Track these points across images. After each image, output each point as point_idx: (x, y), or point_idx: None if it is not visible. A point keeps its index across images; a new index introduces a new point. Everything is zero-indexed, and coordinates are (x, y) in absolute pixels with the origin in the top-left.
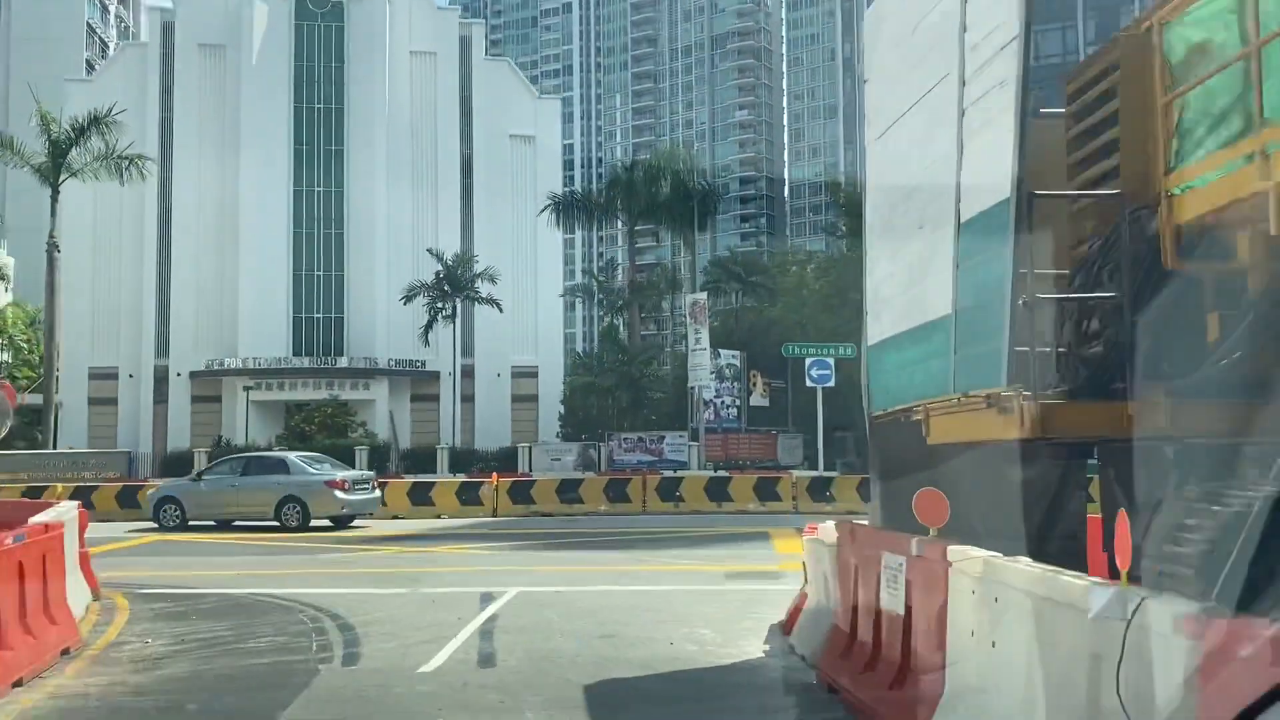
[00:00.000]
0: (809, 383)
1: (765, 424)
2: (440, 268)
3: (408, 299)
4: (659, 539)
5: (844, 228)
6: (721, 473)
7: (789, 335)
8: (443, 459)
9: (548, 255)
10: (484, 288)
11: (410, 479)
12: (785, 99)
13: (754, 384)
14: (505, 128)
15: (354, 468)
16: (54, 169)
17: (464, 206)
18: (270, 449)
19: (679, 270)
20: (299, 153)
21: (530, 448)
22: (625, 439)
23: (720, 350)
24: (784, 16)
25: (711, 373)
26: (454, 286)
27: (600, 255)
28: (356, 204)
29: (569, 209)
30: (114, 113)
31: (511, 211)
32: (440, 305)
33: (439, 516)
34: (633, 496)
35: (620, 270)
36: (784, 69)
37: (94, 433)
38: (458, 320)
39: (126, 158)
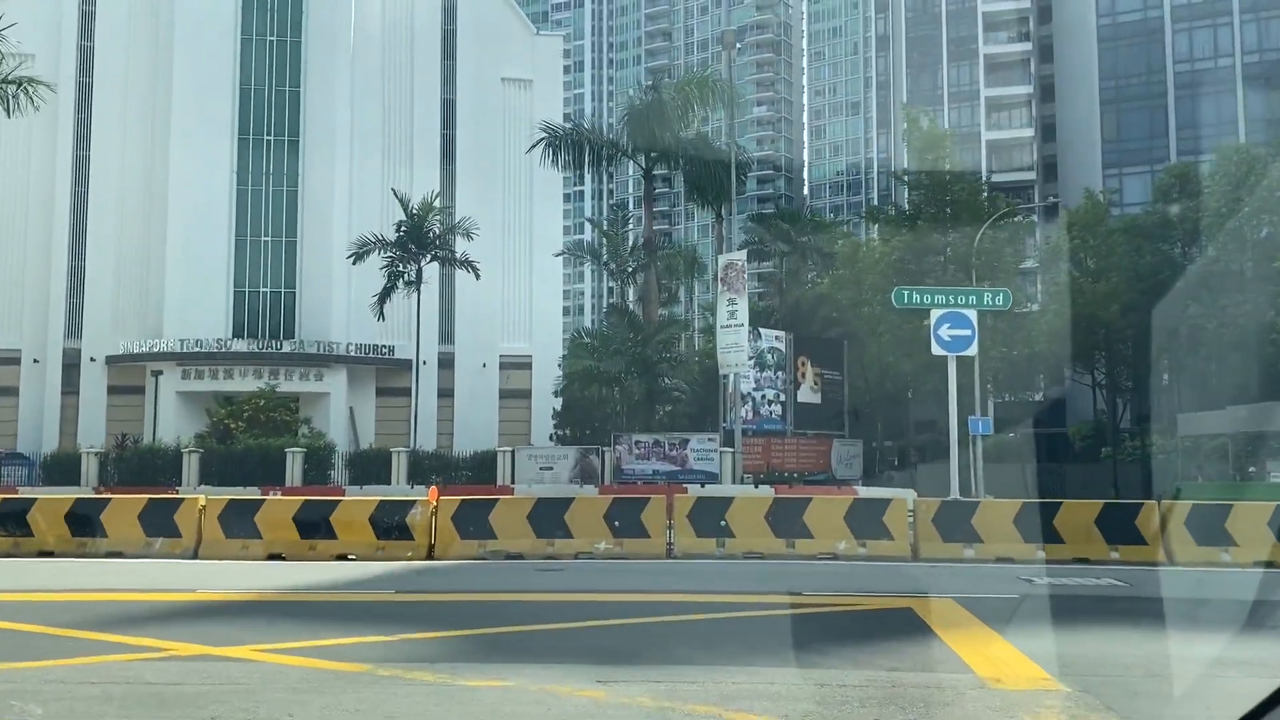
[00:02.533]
0: (936, 348)
1: (813, 426)
2: (404, 218)
3: (358, 257)
4: (713, 633)
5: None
6: (791, 492)
7: (844, 313)
8: (399, 466)
9: (545, 223)
10: (463, 247)
11: (299, 497)
12: (806, 95)
13: (802, 374)
14: (496, 69)
15: (286, 475)
16: None
17: (445, 162)
18: (180, 449)
19: (699, 246)
20: (245, 94)
21: (512, 453)
22: (639, 442)
23: (760, 330)
24: (805, 9)
25: (750, 358)
26: (419, 243)
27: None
28: (313, 157)
29: (569, 148)
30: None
31: (502, 169)
32: (402, 268)
33: (345, 557)
34: (651, 527)
35: (631, 224)
36: (804, 64)
37: None
38: (435, 298)
39: (13, 81)
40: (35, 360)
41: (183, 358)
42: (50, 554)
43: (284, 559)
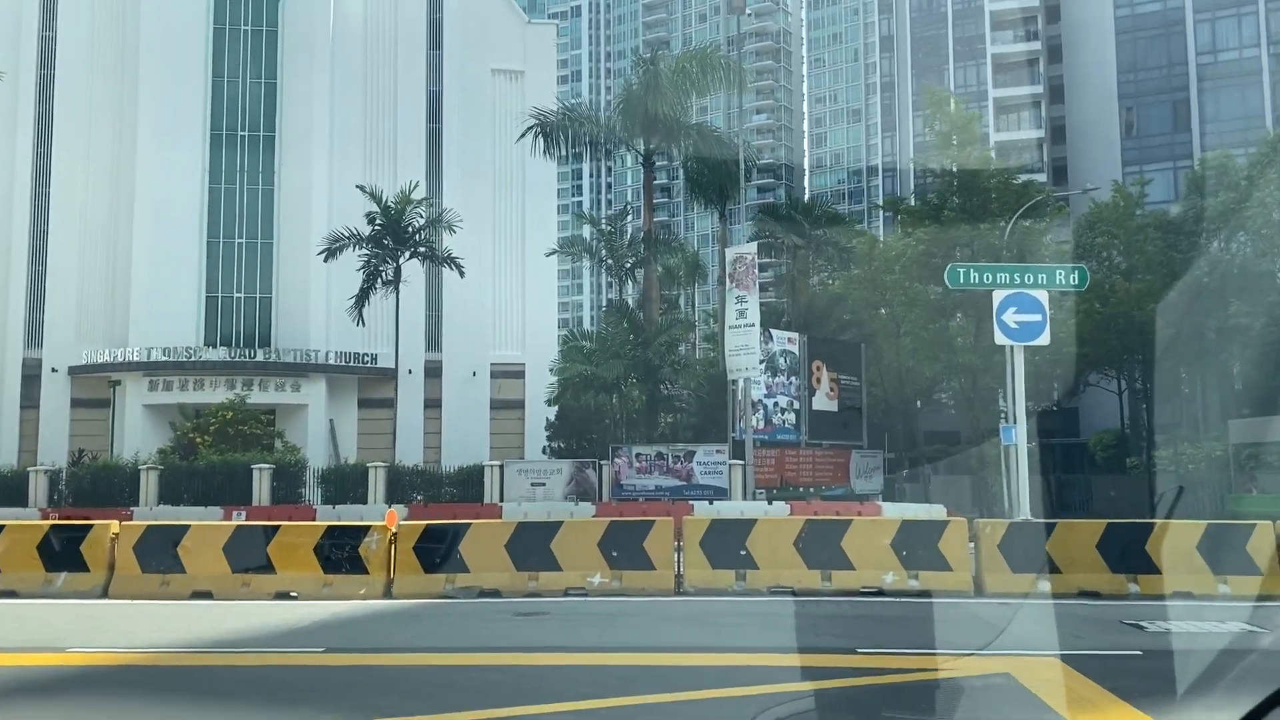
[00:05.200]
0: (1000, 338)
1: (829, 436)
2: (378, 212)
3: (329, 253)
4: None
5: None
6: (808, 509)
7: (860, 314)
8: (376, 483)
9: (539, 222)
10: (451, 245)
11: (233, 523)
12: (806, 102)
13: (817, 379)
14: (486, 60)
15: (254, 493)
16: None
17: (431, 159)
18: (138, 465)
19: (700, 255)
20: (218, 87)
21: (501, 467)
22: (640, 455)
23: (771, 332)
24: (805, 16)
25: (761, 361)
26: (397, 239)
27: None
28: (290, 154)
29: (563, 136)
30: None
31: (493, 166)
32: (380, 267)
33: (288, 595)
34: (655, 557)
35: (630, 219)
36: (804, 71)
37: None
38: (421, 303)
39: None
40: None
41: (150, 367)
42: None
43: (212, 597)
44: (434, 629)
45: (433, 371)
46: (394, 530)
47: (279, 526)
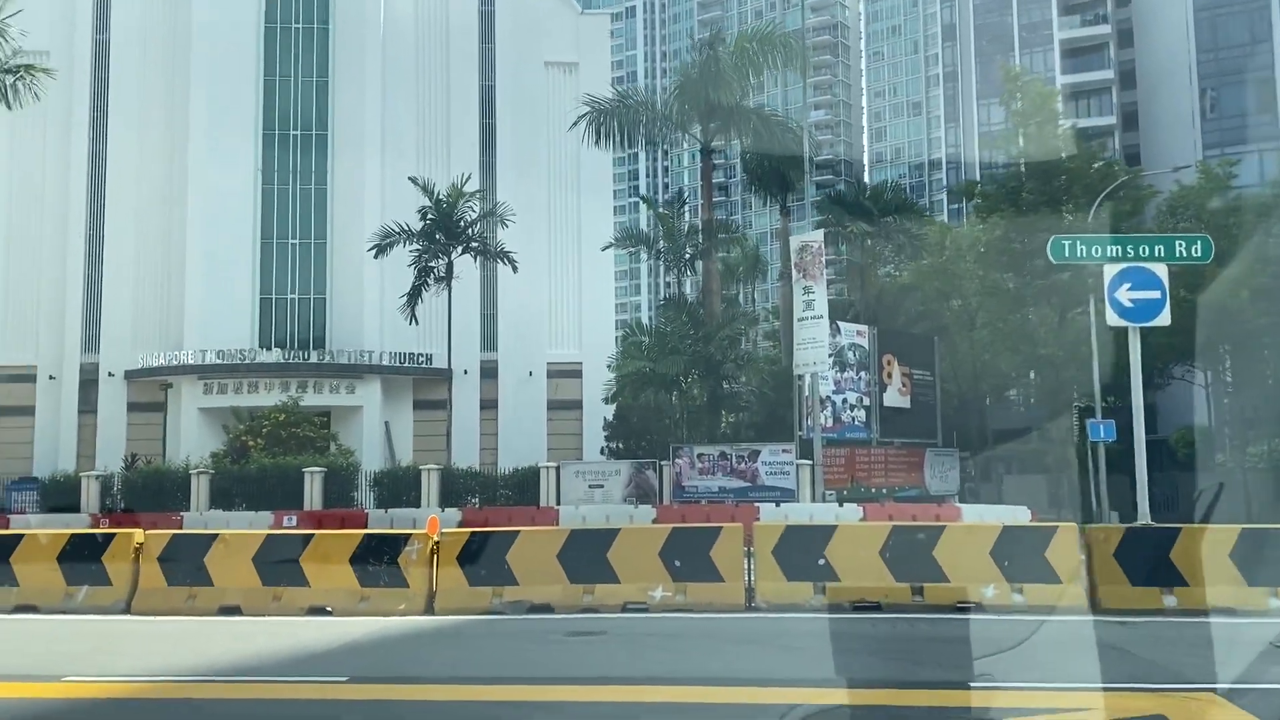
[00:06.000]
0: (1113, 318)
1: (901, 434)
2: (429, 204)
3: (380, 249)
4: None
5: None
6: (882, 511)
7: (930, 305)
8: (429, 486)
9: (594, 217)
10: (504, 241)
11: (261, 532)
12: (865, 96)
13: (888, 374)
14: (539, 53)
15: (305, 498)
16: None
17: (484, 155)
18: (189, 470)
19: (762, 244)
20: (269, 86)
21: (557, 469)
22: (702, 455)
23: (839, 325)
24: (862, 9)
25: (830, 355)
26: (448, 234)
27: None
28: (343, 152)
29: (617, 124)
30: (6, 15)
31: (547, 160)
32: (431, 263)
33: (323, 610)
34: (723, 567)
35: (686, 205)
36: (863, 65)
37: (3, 451)
38: (476, 302)
39: (10, 70)
40: (51, 377)
41: (204, 370)
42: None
43: (241, 612)
44: (476, 652)
45: (488, 372)
46: (436, 539)
47: (312, 535)
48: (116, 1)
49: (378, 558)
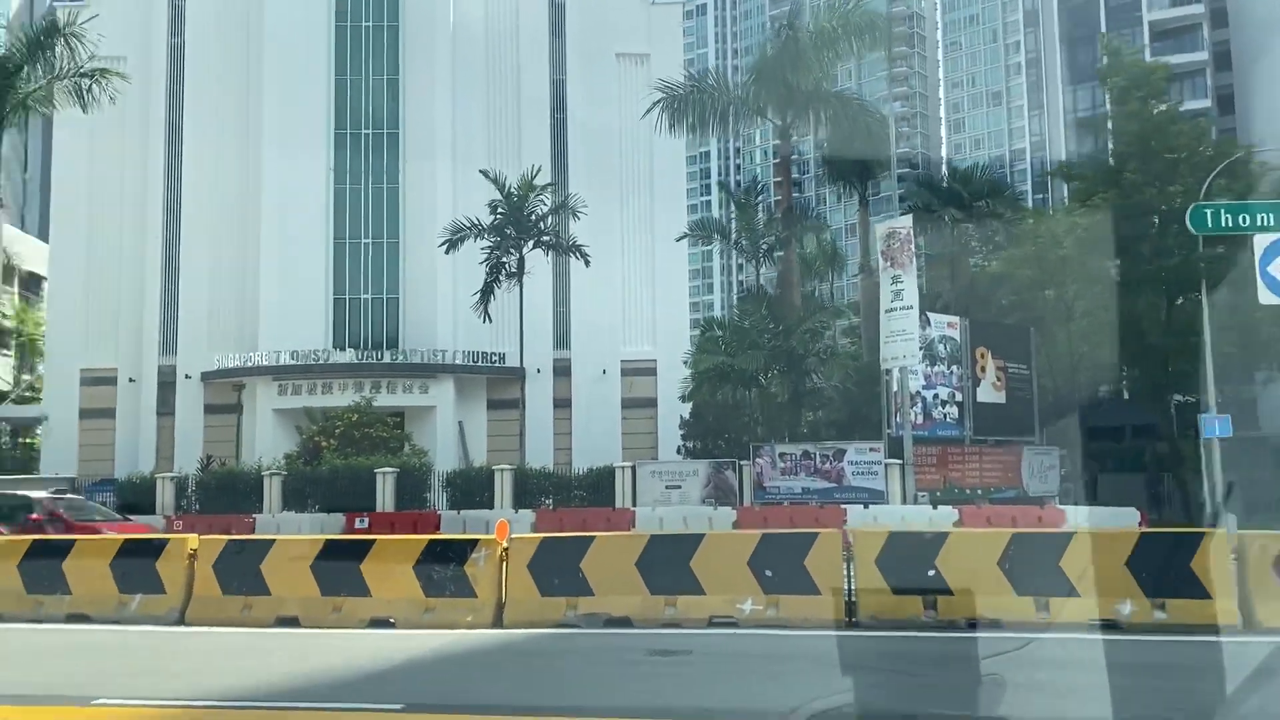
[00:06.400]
0: (1266, 296)
1: (995, 431)
2: (500, 198)
3: (451, 244)
4: None
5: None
6: (980, 514)
7: (1024, 295)
8: (502, 487)
9: (667, 211)
10: (576, 234)
11: (320, 537)
12: (942, 88)
13: (982, 368)
14: (609, 45)
15: (377, 499)
16: None
17: (555, 149)
18: (261, 471)
19: (839, 238)
20: (340, 86)
21: (633, 469)
22: (784, 454)
23: (929, 316)
24: (938, 1)
25: (921, 348)
26: (519, 228)
27: (740, 191)
28: (414, 150)
29: (691, 109)
30: (84, 20)
31: (619, 154)
32: (502, 258)
33: (385, 622)
34: (819, 577)
35: (763, 194)
36: (939, 56)
37: (85, 453)
38: (549, 300)
39: (88, 73)
40: (131, 379)
41: (278, 372)
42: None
43: (299, 624)
44: (548, 674)
45: (561, 370)
46: (505, 545)
47: (373, 541)
48: (191, 7)
49: (443, 564)
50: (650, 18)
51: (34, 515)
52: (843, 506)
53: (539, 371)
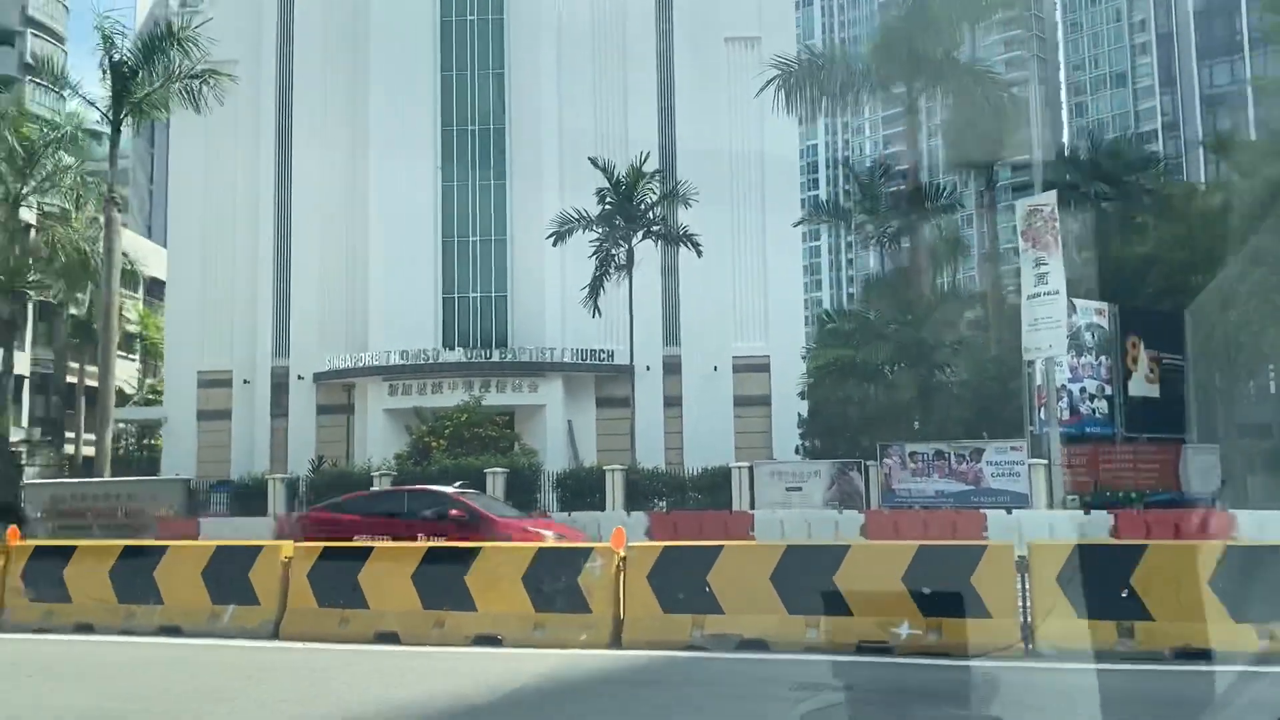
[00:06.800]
0: None
1: (1148, 428)
2: (608, 188)
3: (558, 237)
4: None
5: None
6: (1138, 520)
7: (1178, 280)
8: (614, 488)
9: (779, 201)
10: (686, 225)
11: (421, 544)
12: (1063, 71)
13: (1133, 359)
14: (719, 29)
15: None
16: (114, 102)
17: (663, 139)
18: (371, 472)
19: (963, 222)
20: (446, 82)
21: (750, 470)
22: (914, 454)
23: (1074, 302)
24: None
25: (1067, 336)
26: (628, 217)
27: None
28: (520, 144)
29: (810, 84)
30: (197, 25)
31: (728, 142)
32: (611, 250)
33: (492, 639)
34: (989, 598)
35: (886, 169)
36: (1059, 38)
37: (203, 454)
38: (657, 295)
39: (197, 74)
40: (245, 381)
41: (388, 372)
42: (89, 628)
43: (399, 640)
44: (675, 712)
45: (671, 367)
46: (622, 554)
47: (479, 550)
48: (299, 9)
49: (554, 576)
50: (761, 1)
51: (454, 511)
52: (982, 511)
53: (648, 369)
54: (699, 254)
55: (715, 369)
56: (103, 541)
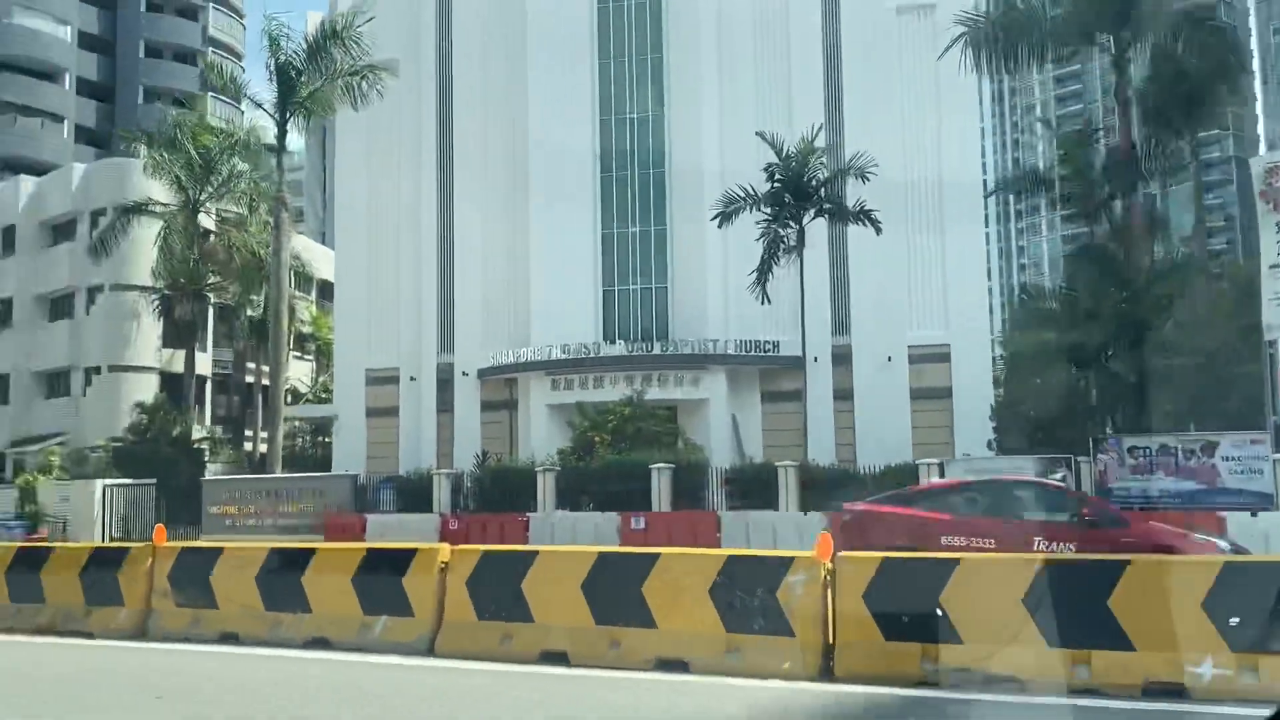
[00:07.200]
0: None
1: None
2: (777, 163)
3: (723, 217)
4: None
5: None
6: None
7: None
8: (787, 486)
9: (957, 177)
10: (858, 191)
11: (593, 549)
12: (1254, 38)
13: None
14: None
15: (652, 497)
16: (280, 103)
17: (830, 117)
18: (534, 468)
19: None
20: (604, 71)
21: (940, 466)
22: (1134, 449)
23: None
24: None
25: None
26: (798, 195)
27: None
28: (679, 131)
29: (1001, 39)
30: (360, 21)
31: (901, 118)
32: (780, 231)
33: (678, 664)
34: None
35: (1096, 130)
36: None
37: (372, 450)
38: (825, 280)
39: (357, 71)
40: (412, 378)
41: (550, 366)
42: (234, 637)
43: (568, 661)
44: None
45: (840, 358)
46: (829, 565)
47: (657, 555)
48: (457, 8)
49: (748, 590)
50: None
51: (1085, 511)
52: (1220, 515)
53: (815, 360)
54: (878, 230)
55: (889, 359)
56: (249, 543)
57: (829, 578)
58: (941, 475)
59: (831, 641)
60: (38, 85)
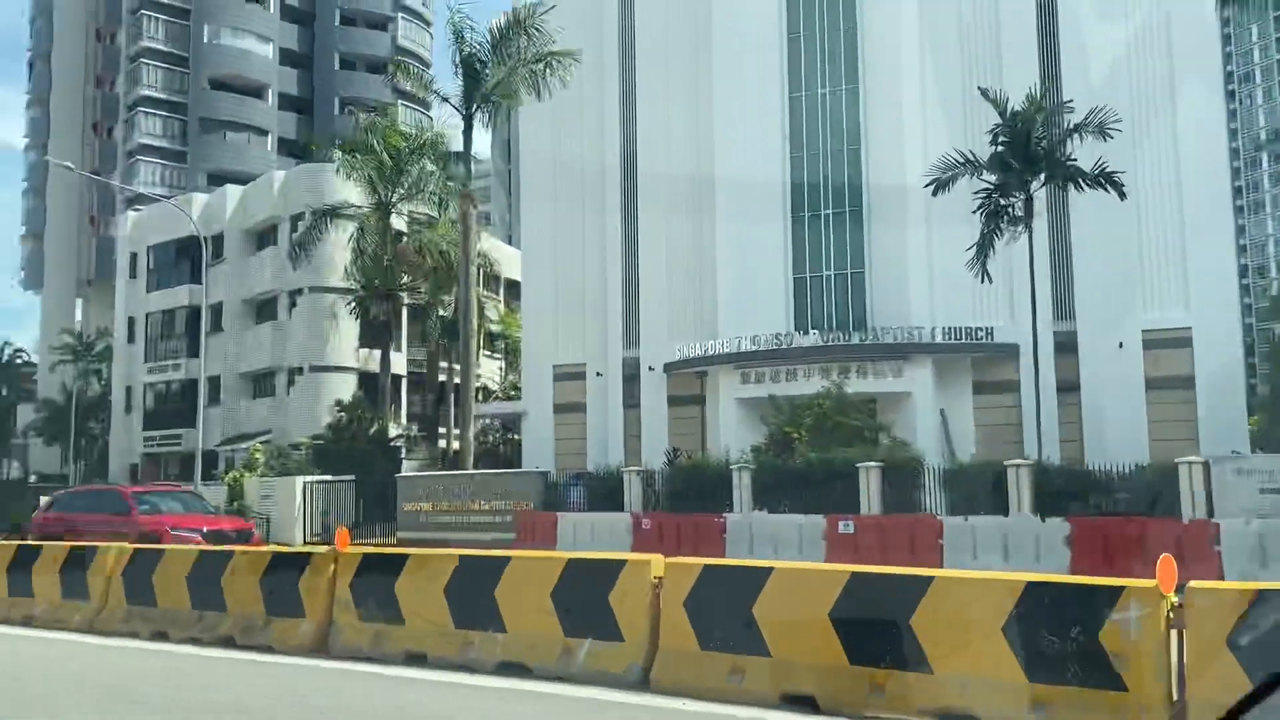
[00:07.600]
0: None
1: None
2: (1001, 125)
3: (938, 185)
4: None
5: None
6: None
7: None
8: (1018, 487)
9: (1197, 134)
10: (1093, 151)
11: (846, 568)
12: None
13: None
14: None
15: (860, 498)
16: (465, 96)
17: (1045, 80)
18: (728, 465)
19: None
20: (794, 43)
21: (1205, 466)
22: None
23: None
24: None
25: None
26: (1024, 160)
27: None
28: (876, 104)
29: None
30: (542, 13)
31: (1128, 68)
32: (1004, 202)
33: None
34: None
35: None
36: None
37: (560, 447)
38: (1046, 259)
39: (539, 58)
40: (598, 374)
41: (739, 359)
42: (422, 658)
43: (816, 706)
44: None
45: (1063, 346)
46: (1175, 599)
47: (931, 579)
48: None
49: (1056, 627)
50: None
51: None
52: None
53: (1036, 346)
54: (1123, 196)
55: (1120, 345)
56: (437, 551)
57: (1172, 613)
58: (1206, 474)
59: (1181, 698)
60: (245, 101)
